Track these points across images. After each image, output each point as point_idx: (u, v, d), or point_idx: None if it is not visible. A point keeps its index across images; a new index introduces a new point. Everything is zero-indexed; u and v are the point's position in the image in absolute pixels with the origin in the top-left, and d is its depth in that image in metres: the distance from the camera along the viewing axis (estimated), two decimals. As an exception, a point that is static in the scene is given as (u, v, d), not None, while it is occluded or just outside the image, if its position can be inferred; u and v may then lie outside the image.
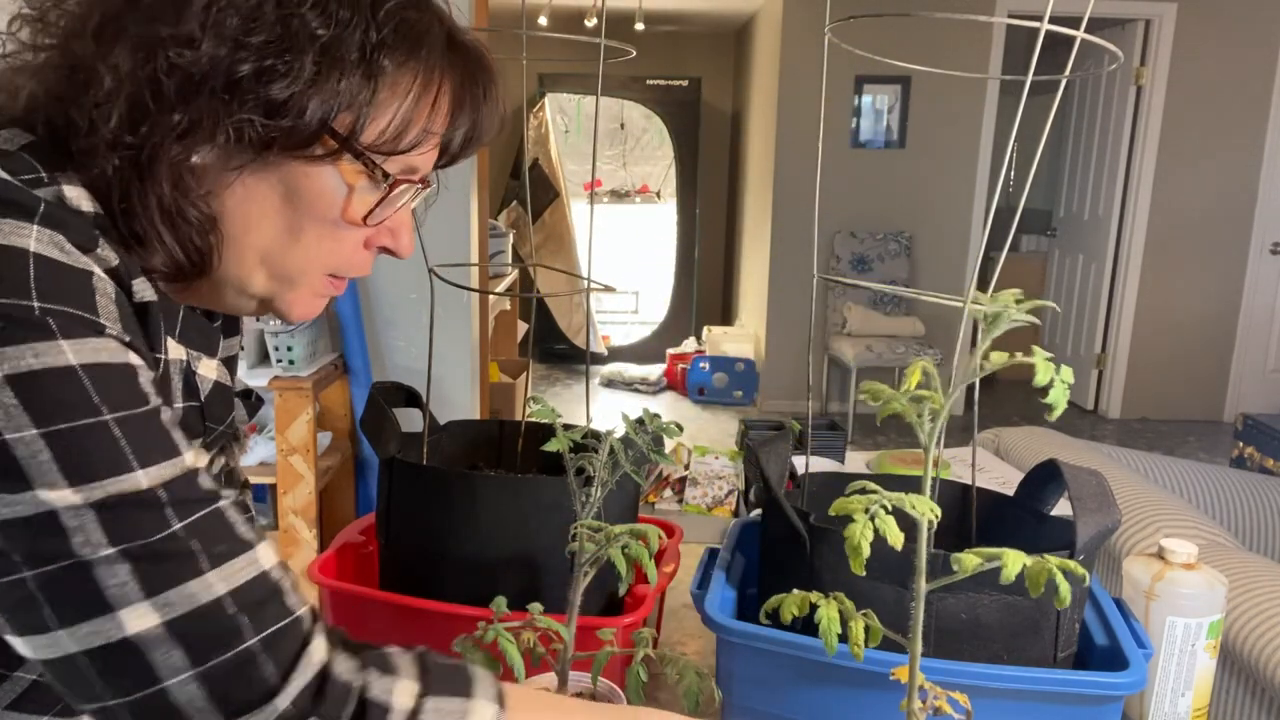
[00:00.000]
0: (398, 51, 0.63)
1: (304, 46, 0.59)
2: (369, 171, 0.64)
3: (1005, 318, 0.63)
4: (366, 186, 0.65)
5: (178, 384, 0.66)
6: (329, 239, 0.66)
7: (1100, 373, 5.78)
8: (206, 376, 0.70)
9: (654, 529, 0.79)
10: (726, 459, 1.77)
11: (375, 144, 0.64)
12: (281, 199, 0.63)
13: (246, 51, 0.58)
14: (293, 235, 0.65)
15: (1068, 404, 3.38)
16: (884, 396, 0.66)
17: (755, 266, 6.01)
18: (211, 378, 0.70)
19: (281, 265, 0.66)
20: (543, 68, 6.38)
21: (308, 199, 0.64)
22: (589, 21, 5.89)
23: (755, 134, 6.10)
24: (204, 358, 0.69)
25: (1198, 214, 5.43)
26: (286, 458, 2.44)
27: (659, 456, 0.77)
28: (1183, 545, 0.94)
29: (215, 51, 0.58)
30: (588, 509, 0.77)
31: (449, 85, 0.66)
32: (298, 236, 0.65)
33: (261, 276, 0.66)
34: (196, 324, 0.69)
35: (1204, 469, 2.19)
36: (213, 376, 0.70)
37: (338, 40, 0.60)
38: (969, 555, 0.62)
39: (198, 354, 0.69)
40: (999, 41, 5.21)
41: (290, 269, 0.66)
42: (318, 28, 0.59)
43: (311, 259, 0.66)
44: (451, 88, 0.67)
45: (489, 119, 0.70)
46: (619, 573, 0.77)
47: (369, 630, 0.97)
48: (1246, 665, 1.38)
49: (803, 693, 0.83)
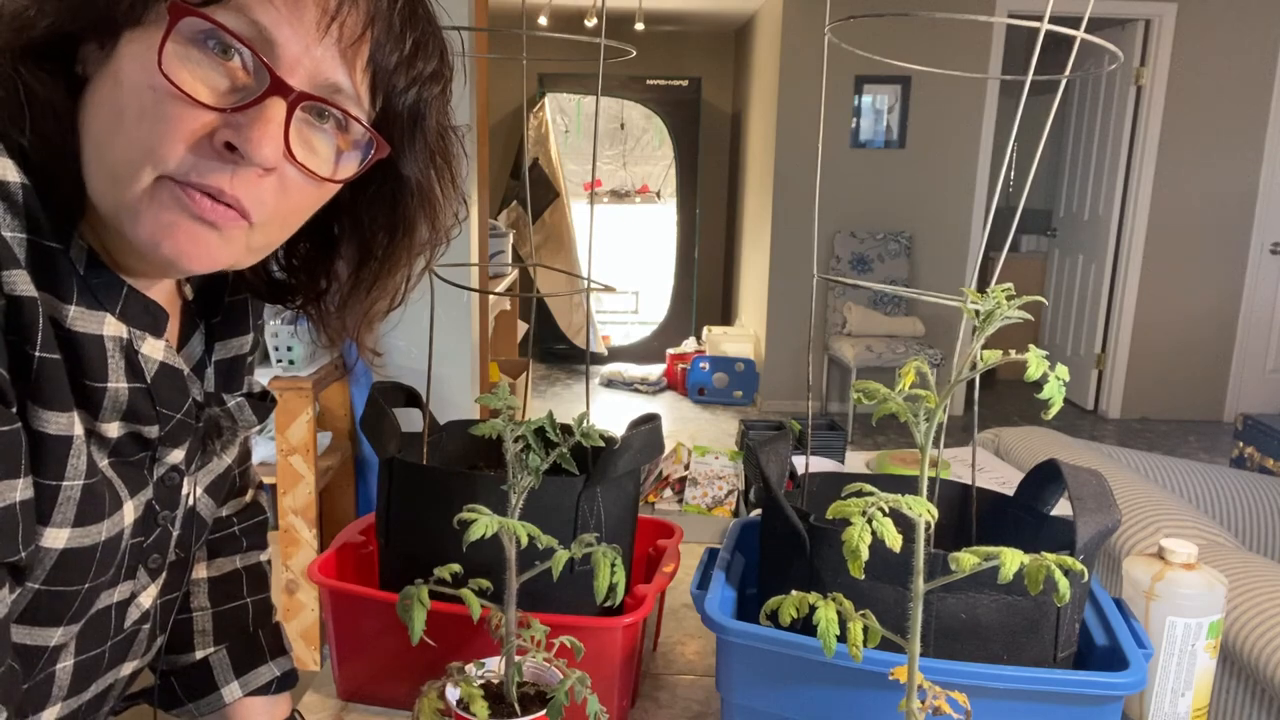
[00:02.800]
0: None
1: None
2: (182, 29, 0.57)
3: (998, 315, 0.63)
4: (176, 43, 0.57)
5: (117, 363, 0.63)
6: (149, 115, 0.57)
7: (1100, 373, 5.78)
8: (151, 357, 0.66)
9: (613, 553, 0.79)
10: (726, 459, 1.77)
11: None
12: (112, 85, 0.58)
13: None
14: (116, 118, 0.58)
15: (1068, 404, 3.41)
16: (879, 396, 0.66)
17: (755, 266, 6.01)
18: (157, 358, 0.66)
19: (110, 159, 0.59)
20: (543, 68, 6.38)
21: (125, 68, 0.58)
22: (589, 21, 5.89)
23: (755, 134, 6.11)
24: (148, 337, 0.66)
25: (1198, 214, 5.44)
26: (286, 458, 2.44)
27: (563, 460, 0.75)
28: (1183, 545, 0.94)
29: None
30: (514, 506, 0.76)
31: None
32: (120, 118, 0.58)
33: (102, 181, 0.59)
34: (141, 302, 0.65)
35: (1204, 469, 2.19)
36: (158, 357, 0.67)
37: None
38: (967, 554, 0.62)
39: (141, 333, 0.65)
40: (999, 41, 5.22)
41: (116, 159, 0.58)
42: None
43: (134, 143, 0.58)
44: None
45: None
46: (599, 583, 0.76)
47: (369, 630, 0.97)
48: (1246, 665, 1.38)
49: (802, 693, 0.83)
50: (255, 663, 0.91)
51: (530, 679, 0.82)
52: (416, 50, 0.66)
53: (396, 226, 0.72)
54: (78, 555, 0.64)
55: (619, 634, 0.91)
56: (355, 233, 0.73)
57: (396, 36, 0.64)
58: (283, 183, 0.62)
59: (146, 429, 0.67)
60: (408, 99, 0.67)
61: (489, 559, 0.93)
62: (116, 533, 0.67)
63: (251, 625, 0.93)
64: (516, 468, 0.73)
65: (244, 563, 0.95)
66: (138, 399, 0.65)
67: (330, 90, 0.62)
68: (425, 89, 0.68)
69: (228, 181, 0.59)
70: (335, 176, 0.65)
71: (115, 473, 0.67)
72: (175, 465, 0.73)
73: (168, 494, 0.73)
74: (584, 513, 0.94)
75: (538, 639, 0.76)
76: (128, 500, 0.68)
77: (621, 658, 0.93)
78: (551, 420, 0.79)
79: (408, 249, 0.73)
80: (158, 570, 0.75)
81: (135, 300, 0.65)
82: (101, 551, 0.66)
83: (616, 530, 0.97)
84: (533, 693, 0.81)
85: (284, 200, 0.63)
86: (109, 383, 0.63)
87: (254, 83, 0.59)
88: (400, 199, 0.71)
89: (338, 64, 0.61)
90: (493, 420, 0.79)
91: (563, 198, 6.47)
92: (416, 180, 0.70)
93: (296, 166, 0.61)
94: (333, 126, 0.64)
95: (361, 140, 0.65)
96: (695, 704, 1.02)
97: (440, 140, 0.72)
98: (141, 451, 0.69)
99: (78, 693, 0.71)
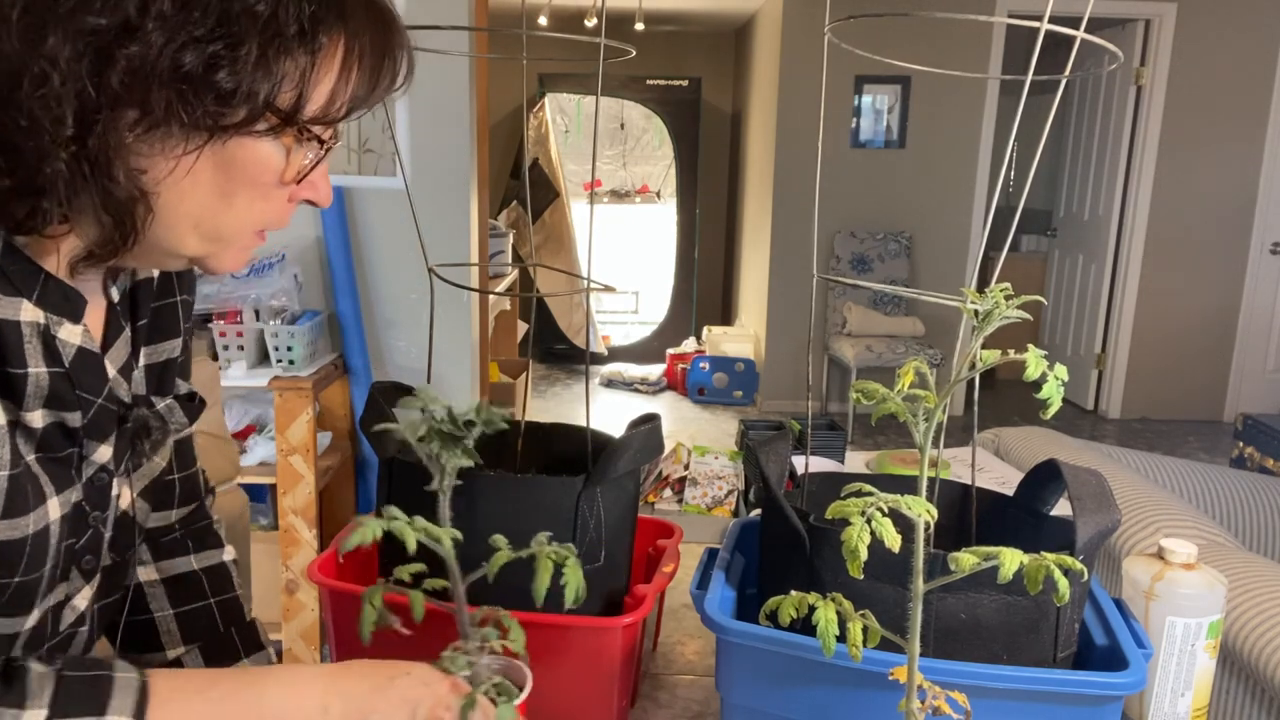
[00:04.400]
0: (327, 21, 0.63)
1: (246, 28, 0.59)
2: (306, 139, 0.66)
3: (998, 315, 0.63)
4: (300, 151, 0.67)
5: (34, 348, 0.65)
6: (260, 200, 0.68)
7: (1100, 373, 5.78)
8: (69, 341, 0.68)
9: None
10: (726, 459, 1.77)
11: (316, 115, 0.65)
12: (215, 168, 0.64)
13: (190, 38, 0.58)
14: (226, 201, 0.66)
15: (1068, 404, 3.41)
16: (878, 396, 0.66)
17: (755, 266, 6.01)
18: (75, 343, 0.69)
19: (214, 229, 0.67)
20: (543, 68, 6.38)
21: (244, 168, 0.65)
22: (589, 21, 5.89)
23: (755, 134, 6.10)
24: (65, 322, 0.68)
25: (1198, 214, 5.44)
26: (286, 458, 2.44)
27: (464, 452, 0.75)
28: (1183, 545, 0.94)
29: (160, 40, 0.58)
30: (444, 504, 0.76)
31: (369, 46, 0.67)
32: (231, 202, 0.66)
33: (194, 240, 0.67)
34: (60, 288, 0.68)
35: (1204, 469, 2.19)
36: (75, 342, 0.69)
37: (274, 18, 0.60)
38: (966, 554, 0.62)
39: (59, 319, 0.68)
40: (999, 41, 5.21)
41: (224, 231, 0.68)
42: (255, 4, 0.60)
43: (244, 221, 0.68)
44: (371, 48, 0.67)
45: (402, 70, 0.71)
46: (538, 585, 0.75)
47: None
48: (1246, 665, 1.38)
49: (802, 693, 0.83)
50: (230, 660, 0.92)
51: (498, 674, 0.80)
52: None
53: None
54: (7, 548, 0.65)
55: (618, 634, 0.91)
56: None
57: None
58: None
59: (69, 415, 0.69)
60: None
61: (476, 557, 0.93)
62: (43, 527, 0.68)
63: (221, 625, 0.94)
64: (433, 467, 0.74)
65: (201, 564, 0.95)
66: (57, 383, 0.67)
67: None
68: None
69: None
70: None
71: (41, 468, 0.68)
72: (104, 465, 0.74)
73: (97, 494, 0.74)
74: (584, 513, 0.94)
75: (489, 640, 0.75)
76: (53, 496, 0.69)
77: (621, 658, 0.92)
78: (451, 415, 0.78)
79: None
80: (91, 572, 0.76)
81: (53, 287, 0.67)
82: (31, 545, 0.67)
83: (616, 530, 0.97)
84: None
85: None
86: (29, 368, 0.65)
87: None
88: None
89: None
90: (397, 424, 0.80)
91: (563, 198, 6.47)
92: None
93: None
94: None
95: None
96: (695, 704, 1.02)
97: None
98: (69, 447, 0.70)
99: None
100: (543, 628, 0.91)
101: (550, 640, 0.91)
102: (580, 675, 0.92)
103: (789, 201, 5.38)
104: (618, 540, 0.98)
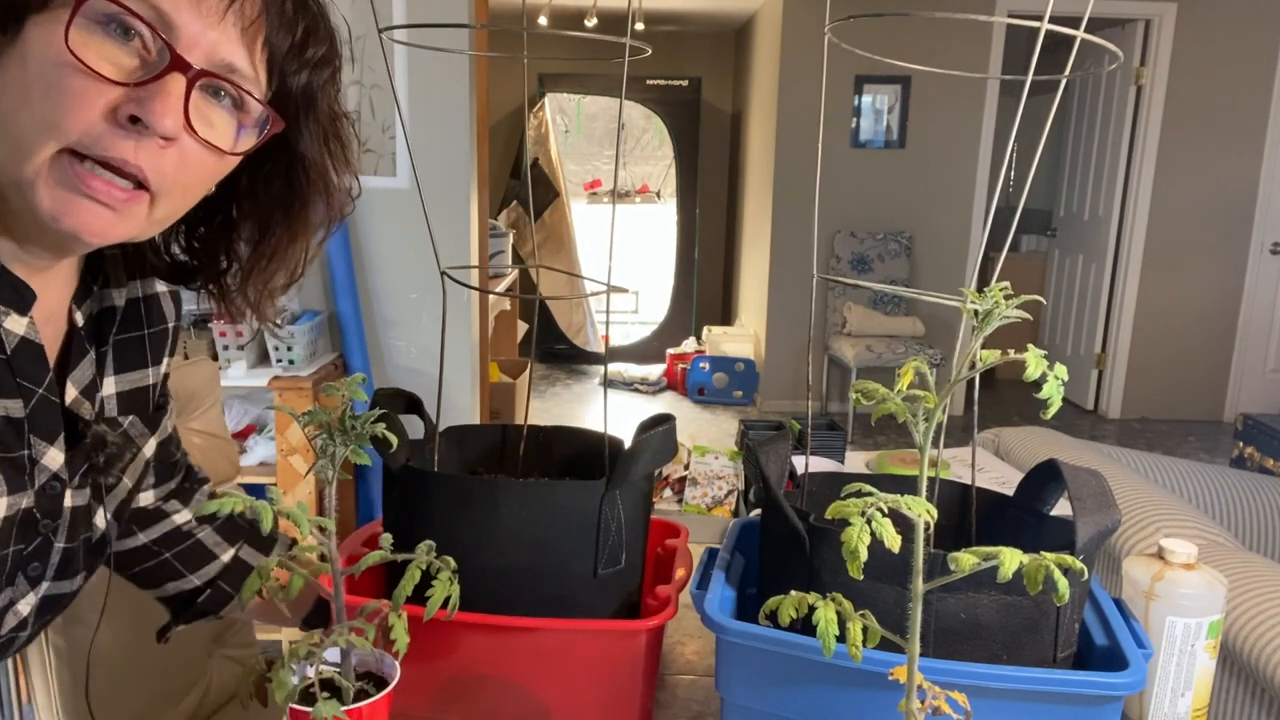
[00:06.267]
0: None
1: None
2: (102, 20, 0.61)
3: (997, 314, 0.63)
4: (82, 24, 0.61)
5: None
6: (55, 90, 0.60)
7: (1100, 373, 5.78)
8: (13, 331, 0.69)
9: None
10: (726, 459, 1.77)
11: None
12: (18, 65, 0.61)
13: None
14: (23, 95, 0.61)
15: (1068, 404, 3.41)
16: (878, 396, 0.66)
17: (755, 266, 6.01)
18: (19, 333, 0.69)
19: (15, 133, 0.61)
20: (543, 67, 6.38)
21: (31, 49, 0.61)
22: (589, 21, 5.89)
23: (755, 134, 6.10)
24: (12, 313, 0.69)
25: (1198, 214, 5.44)
26: (286, 458, 2.44)
27: (356, 455, 0.76)
28: (1183, 545, 0.94)
29: None
30: (330, 497, 0.76)
31: None
32: (26, 94, 0.61)
33: (4, 155, 0.62)
34: (8, 280, 0.68)
35: (1204, 469, 2.19)
36: (19, 332, 0.69)
37: None
38: (966, 554, 0.62)
39: (5, 309, 0.68)
40: (999, 41, 5.21)
41: (21, 133, 0.61)
42: None
43: (38, 117, 0.61)
44: None
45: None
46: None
47: (383, 643, 0.97)
48: (1246, 665, 1.38)
49: (802, 693, 0.83)
50: (269, 549, 0.99)
51: (362, 666, 0.79)
52: (308, 36, 0.71)
53: (292, 203, 0.77)
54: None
55: (642, 638, 0.91)
56: (254, 212, 0.77)
57: (289, 22, 0.69)
58: (182, 155, 0.65)
59: (9, 404, 0.69)
60: (300, 81, 0.72)
61: (508, 566, 0.93)
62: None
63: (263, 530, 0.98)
64: (326, 464, 0.74)
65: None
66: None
67: (227, 69, 0.66)
68: (316, 72, 0.73)
69: (131, 152, 0.62)
70: (234, 150, 0.69)
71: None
72: (56, 473, 0.74)
73: (49, 502, 0.74)
74: (605, 516, 0.93)
75: (362, 630, 0.75)
76: (2, 495, 0.69)
77: (646, 660, 0.92)
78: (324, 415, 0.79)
79: (304, 225, 0.78)
80: (38, 579, 0.76)
81: (3, 278, 0.68)
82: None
83: (633, 532, 0.97)
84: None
85: (184, 171, 0.66)
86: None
87: (156, 60, 0.63)
88: (295, 177, 0.75)
89: (236, 46, 0.66)
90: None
91: (563, 197, 6.47)
92: (310, 158, 0.75)
93: (195, 139, 0.65)
94: (230, 105, 0.68)
95: (259, 118, 0.69)
96: (695, 704, 1.02)
97: (332, 122, 0.76)
98: (18, 446, 0.70)
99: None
100: (569, 633, 0.92)
101: (576, 644, 0.92)
102: (606, 678, 0.92)
103: (789, 201, 5.38)
104: (634, 542, 0.98)
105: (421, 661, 0.90)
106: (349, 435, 0.74)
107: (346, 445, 0.74)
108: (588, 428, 1.12)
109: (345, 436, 0.74)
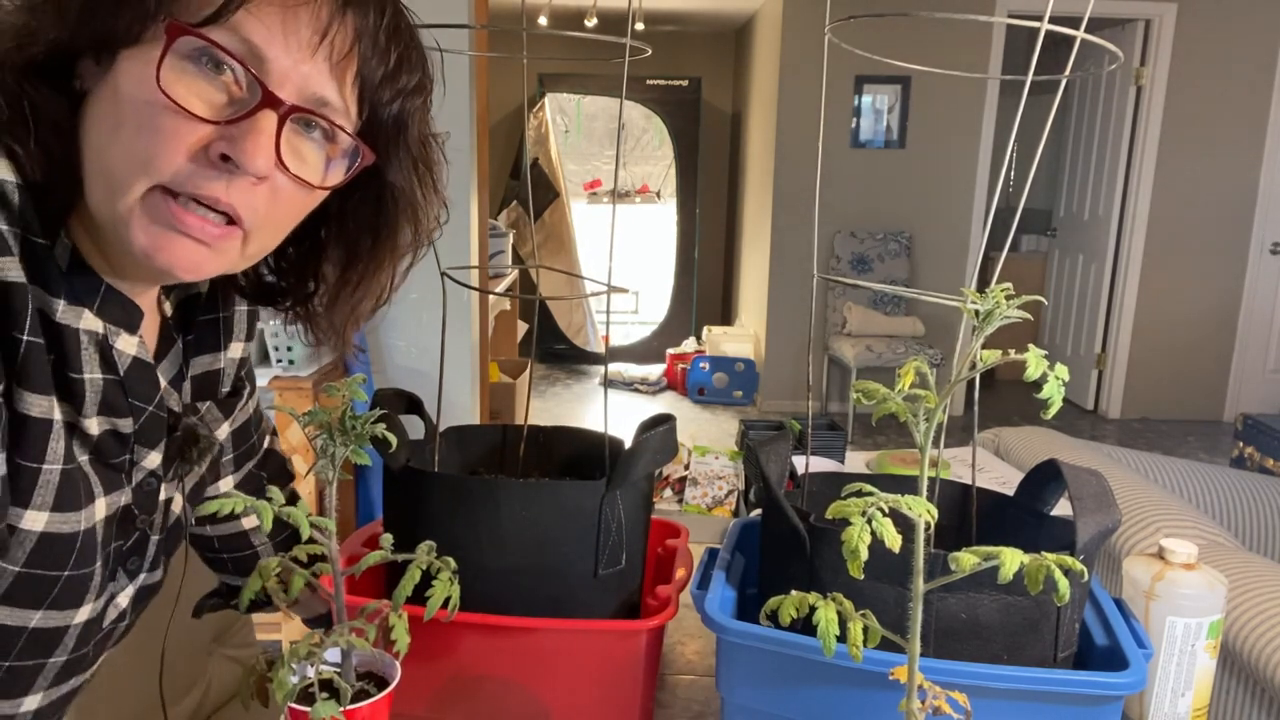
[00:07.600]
0: None
1: None
2: (191, 54, 0.60)
3: (998, 315, 0.63)
4: (173, 61, 0.60)
5: (91, 355, 0.66)
6: (147, 129, 0.60)
7: (1100, 373, 5.78)
8: (125, 352, 0.70)
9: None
10: (726, 459, 1.77)
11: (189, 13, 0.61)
12: (110, 99, 0.61)
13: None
14: (115, 130, 0.61)
15: (1068, 404, 3.42)
16: (879, 396, 0.66)
17: (755, 266, 6.01)
18: (130, 353, 0.70)
19: (107, 168, 0.61)
20: (543, 67, 6.38)
21: (123, 83, 0.61)
22: (589, 21, 5.89)
23: (755, 134, 6.10)
24: (123, 333, 0.69)
25: (1198, 214, 5.44)
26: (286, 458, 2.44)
27: (356, 455, 0.76)
28: (1183, 545, 0.94)
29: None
30: (331, 498, 0.76)
31: None
32: (118, 130, 0.61)
33: (99, 190, 0.62)
34: (119, 300, 0.69)
35: (1204, 469, 2.19)
36: (131, 352, 0.70)
37: None
38: (967, 554, 0.62)
39: (116, 329, 0.69)
40: (999, 41, 5.21)
41: (113, 169, 0.61)
42: None
43: (131, 153, 0.61)
44: None
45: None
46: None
47: (383, 643, 0.97)
48: (1246, 665, 1.38)
49: (802, 693, 0.83)
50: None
51: (362, 667, 0.79)
52: (400, 64, 0.70)
53: (381, 229, 0.76)
54: (58, 541, 0.66)
55: (643, 638, 0.91)
56: (342, 237, 0.77)
57: (382, 52, 0.68)
58: (274, 190, 0.65)
59: (121, 422, 0.70)
60: (392, 110, 0.71)
61: (496, 564, 0.93)
62: (91, 525, 0.69)
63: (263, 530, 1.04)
64: (327, 464, 0.74)
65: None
66: (111, 391, 0.68)
67: (318, 103, 0.65)
68: (408, 100, 0.72)
69: (223, 190, 0.62)
70: (324, 183, 0.68)
71: (92, 469, 0.70)
72: (153, 470, 0.75)
73: (145, 499, 0.76)
74: (606, 516, 0.93)
75: (362, 630, 0.75)
76: (101, 496, 0.70)
77: (647, 660, 0.92)
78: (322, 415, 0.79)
79: (392, 250, 0.78)
80: (136, 572, 0.78)
81: (113, 298, 0.68)
82: (82, 541, 0.68)
83: (634, 532, 0.97)
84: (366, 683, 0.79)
85: (275, 207, 0.66)
86: (84, 374, 0.66)
87: (247, 97, 0.62)
88: (384, 204, 0.75)
89: (327, 79, 0.65)
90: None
91: (563, 198, 6.47)
92: (400, 185, 0.74)
93: (287, 175, 0.65)
94: (321, 136, 0.67)
95: (349, 149, 0.69)
96: (695, 704, 1.02)
97: (422, 148, 0.75)
98: (121, 454, 0.72)
99: (59, 684, 0.74)
100: (569, 634, 0.92)
101: (576, 645, 0.92)
102: (606, 679, 0.92)
103: (789, 201, 5.38)
104: (635, 542, 0.98)
105: (422, 662, 0.90)
106: (349, 435, 0.74)
107: (346, 445, 0.74)
108: (588, 428, 1.12)
109: (345, 437, 0.74)
